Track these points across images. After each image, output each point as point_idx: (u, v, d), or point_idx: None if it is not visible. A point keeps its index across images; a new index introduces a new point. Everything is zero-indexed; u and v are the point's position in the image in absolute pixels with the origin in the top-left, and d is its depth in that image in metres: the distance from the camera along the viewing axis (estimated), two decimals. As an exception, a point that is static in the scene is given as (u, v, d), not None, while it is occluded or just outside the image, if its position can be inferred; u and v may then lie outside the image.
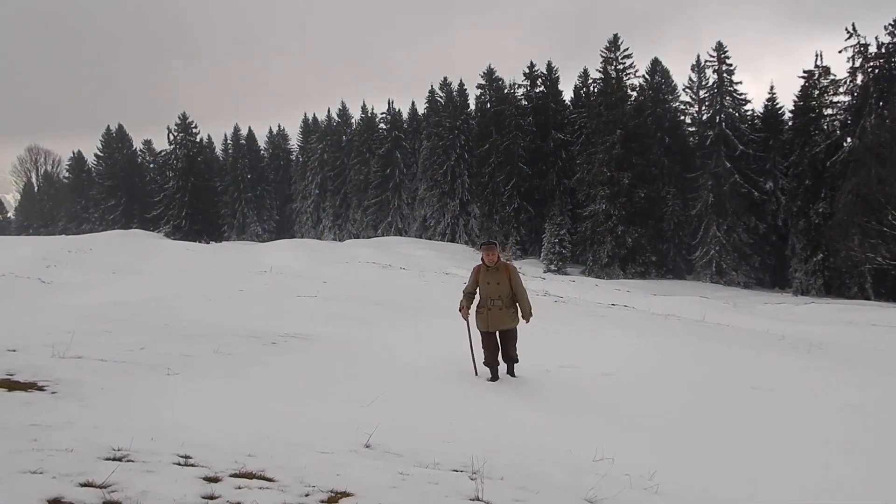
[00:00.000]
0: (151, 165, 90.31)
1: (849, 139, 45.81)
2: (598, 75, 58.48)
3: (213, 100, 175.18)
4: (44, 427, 4.39)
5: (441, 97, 72.91)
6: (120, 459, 3.82)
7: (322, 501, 3.49)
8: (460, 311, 9.11)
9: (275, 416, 5.55)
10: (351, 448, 4.78)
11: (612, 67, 56.98)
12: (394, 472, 4.21)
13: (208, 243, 60.21)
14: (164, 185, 78.57)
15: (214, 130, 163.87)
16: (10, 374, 5.84)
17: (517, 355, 9.02)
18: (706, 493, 5.04)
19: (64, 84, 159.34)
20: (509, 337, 8.92)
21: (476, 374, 8.85)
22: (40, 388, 5.50)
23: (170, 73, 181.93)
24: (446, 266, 41.65)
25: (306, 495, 3.56)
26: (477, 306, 8.98)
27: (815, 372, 10.07)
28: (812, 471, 6.02)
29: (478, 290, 9.04)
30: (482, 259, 9.03)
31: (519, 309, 8.90)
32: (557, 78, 65.22)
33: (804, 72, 49.51)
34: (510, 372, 9.03)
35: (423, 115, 75.85)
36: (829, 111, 48.79)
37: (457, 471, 4.47)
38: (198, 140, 79.08)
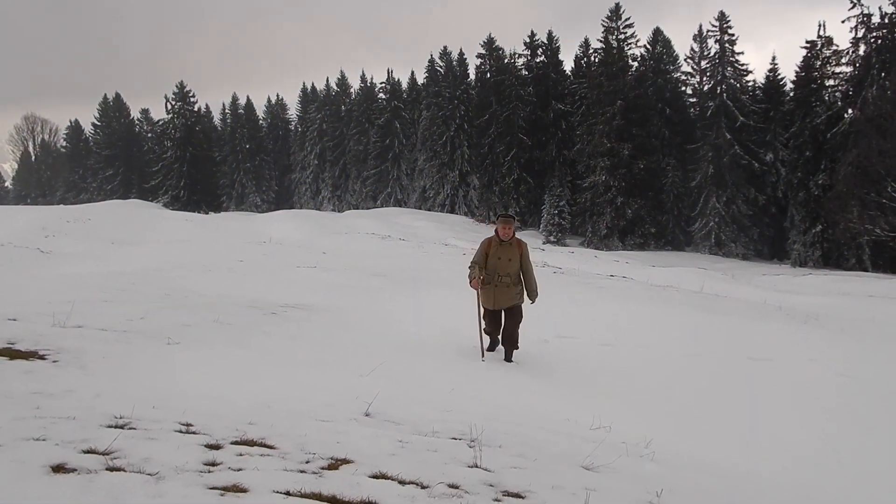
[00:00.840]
0: (149, 135, 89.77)
1: (850, 110, 45.57)
2: (599, 45, 58.01)
3: (211, 68, 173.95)
4: (46, 395, 4.43)
5: (441, 67, 72.30)
6: (122, 427, 3.86)
7: (322, 468, 3.53)
8: (471, 282, 8.43)
9: (275, 385, 5.59)
10: (351, 416, 4.82)
11: (614, 37, 56.49)
12: (393, 440, 4.26)
13: (207, 214, 60.16)
14: (163, 154, 78.26)
15: (212, 100, 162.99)
16: (12, 343, 5.87)
17: (518, 340, 8.53)
18: (702, 461, 5.10)
19: (60, 52, 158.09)
20: (514, 315, 8.45)
21: (483, 358, 8.26)
22: (42, 357, 5.53)
23: (167, 42, 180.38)
24: (445, 237, 41.68)
25: (307, 462, 3.61)
26: (483, 281, 8.47)
27: (811, 342, 10.14)
28: (807, 438, 6.09)
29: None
30: (496, 232, 8.54)
31: (525, 288, 8.48)
32: (558, 48, 64.63)
33: (806, 42, 49.12)
34: (508, 358, 8.49)
35: (423, 84, 75.21)
36: (831, 82, 48.48)
37: (455, 438, 4.52)
38: (196, 109, 78.67)
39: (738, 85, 53.64)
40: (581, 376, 7.66)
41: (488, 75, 64.47)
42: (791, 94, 51.31)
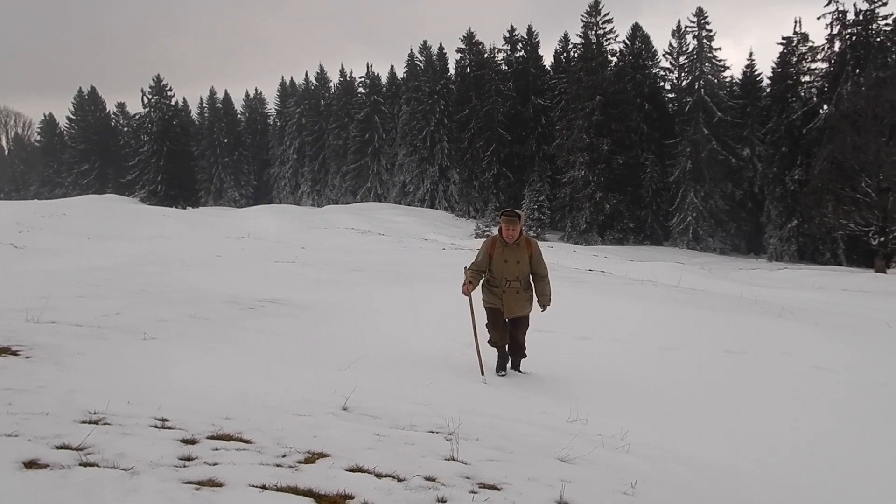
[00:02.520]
0: (126, 129, 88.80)
1: (825, 106, 46.12)
2: (578, 40, 58.34)
3: (188, 62, 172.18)
4: (18, 391, 4.38)
5: (420, 61, 72.19)
6: (96, 422, 3.83)
7: (299, 462, 3.53)
8: (463, 288, 7.35)
9: (253, 380, 5.57)
10: (328, 410, 4.82)
11: (593, 32, 56.77)
12: (370, 434, 4.26)
13: (185, 208, 59.66)
14: (139, 149, 77.48)
15: (190, 94, 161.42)
16: (-16, 339, 5.79)
17: (526, 348, 7.68)
18: (676, 453, 5.15)
19: (33, 44, 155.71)
20: (521, 325, 7.57)
21: (482, 373, 7.22)
22: (14, 353, 5.47)
23: (143, 35, 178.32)
24: (425, 232, 41.70)
25: (283, 456, 3.60)
26: (488, 284, 7.53)
27: (786, 335, 10.25)
28: (781, 429, 6.17)
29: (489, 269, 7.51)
30: (500, 232, 7.41)
31: (535, 294, 7.55)
32: (538, 43, 64.88)
33: (783, 38, 49.72)
34: (516, 366, 7.72)
35: (403, 79, 75.09)
36: (807, 78, 49.08)
37: (433, 432, 4.53)
38: (173, 104, 77.91)
39: (715, 81, 54.12)
40: (558, 370, 7.70)
41: (468, 70, 64.48)
42: (768, 90, 51.88)
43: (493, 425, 5.03)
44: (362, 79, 78.36)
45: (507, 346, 7.61)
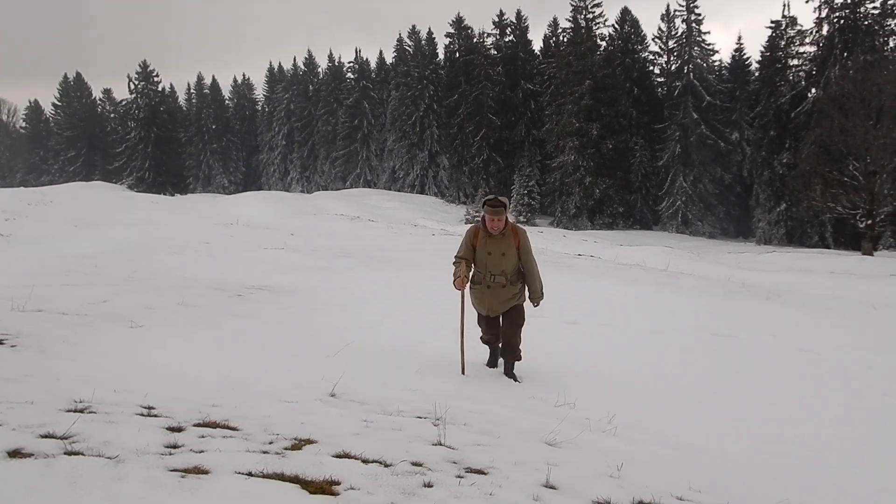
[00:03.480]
0: (112, 115, 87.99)
1: (813, 90, 46.26)
2: (567, 25, 58.13)
3: (175, 47, 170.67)
4: (3, 380, 4.35)
5: (409, 46, 71.82)
6: (82, 411, 3.81)
7: (286, 448, 3.53)
8: (455, 282, 6.56)
9: (240, 367, 5.56)
10: (316, 397, 4.82)
11: (582, 17, 56.57)
12: (358, 420, 4.27)
13: (173, 195, 59.32)
14: (126, 135, 76.79)
15: (177, 79, 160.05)
16: (-31, 328, 5.76)
17: (520, 349, 6.87)
18: (663, 436, 5.19)
19: (16, 29, 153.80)
20: (513, 318, 6.76)
21: (463, 372, 6.61)
22: None
23: (129, 19, 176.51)
24: (415, 218, 41.66)
25: (270, 443, 3.60)
26: (473, 280, 6.75)
27: (773, 318, 10.33)
28: (768, 413, 6.22)
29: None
30: (483, 222, 6.61)
31: (527, 286, 6.78)
32: (527, 27, 64.55)
33: (771, 22, 49.73)
34: (509, 371, 6.84)
35: (392, 64, 74.71)
36: (795, 62, 49.17)
37: (420, 417, 4.54)
38: (160, 89, 77.27)
39: (704, 65, 54.14)
40: (546, 354, 7.71)
41: (457, 55, 64.13)
42: (756, 74, 51.96)
43: (481, 410, 5.05)
44: (351, 64, 77.95)
45: (498, 343, 6.97)
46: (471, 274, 6.73)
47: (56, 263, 12.17)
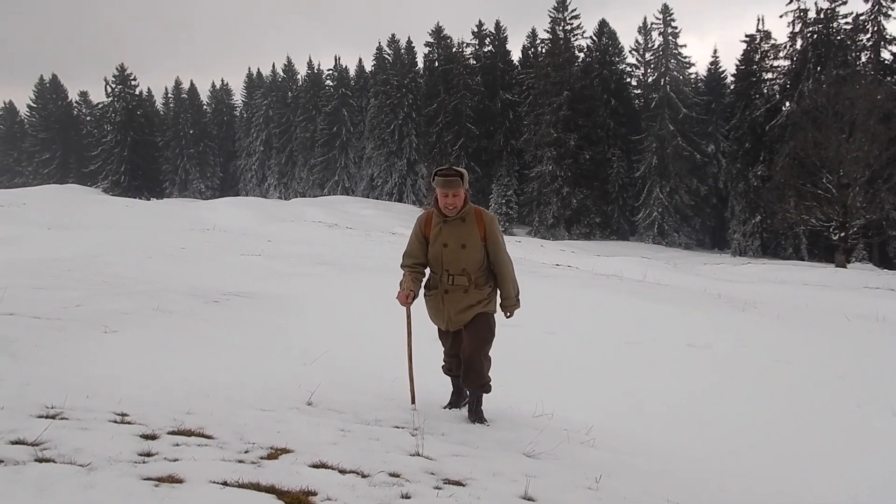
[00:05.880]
0: (88, 118, 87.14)
1: (787, 103, 46.94)
2: (546, 36, 58.55)
3: (153, 51, 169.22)
4: (-28, 386, 4.26)
5: (389, 54, 71.96)
6: (53, 417, 3.74)
7: (261, 458, 3.49)
8: (399, 297, 5.05)
9: (215, 374, 5.49)
10: (292, 405, 4.77)
11: (561, 28, 57.04)
12: (335, 429, 4.23)
13: (149, 200, 58.76)
14: (102, 139, 76.10)
15: (155, 83, 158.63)
16: (-63, 333, 5.63)
17: (488, 376, 5.12)
18: (641, 446, 5.20)
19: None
20: (476, 329, 5.00)
21: (413, 402, 5.15)
22: (-31, 347, 5.32)
23: (105, 20, 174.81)
24: (393, 226, 41.57)
25: (245, 452, 3.55)
26: (426, 285, 5.19)
27: (748, 329, 10.41)
28: (743, 421, 6.26)
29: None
30: (436, 203, 4.99)
31: (499, 291, 5.14)
32: (506, 38, 64.96)
33: (746, 36, 50.51)
34: (474, 412, 5.11)
35: (371, 72, 74.79)
36: (770, 75, 49.91)
37: (398, 427, 4.51)
38: (137, 93, 76.63)
39: (681, 77, 54.81)
40: (524, 365, 7.70)
41: (436, 64, 64.36)
42: (731, 87, 52.69)
43: (460, 420, 5.02)
44: (330, 71, 77.93)
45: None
46: (424, 279, 5.18)
47: (28, 266, 11.97)
